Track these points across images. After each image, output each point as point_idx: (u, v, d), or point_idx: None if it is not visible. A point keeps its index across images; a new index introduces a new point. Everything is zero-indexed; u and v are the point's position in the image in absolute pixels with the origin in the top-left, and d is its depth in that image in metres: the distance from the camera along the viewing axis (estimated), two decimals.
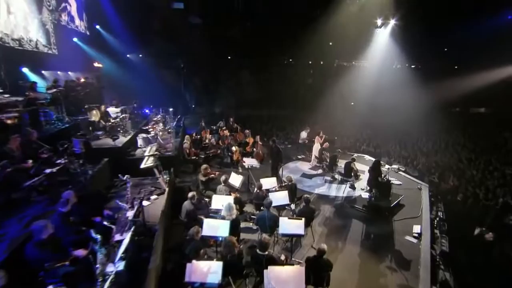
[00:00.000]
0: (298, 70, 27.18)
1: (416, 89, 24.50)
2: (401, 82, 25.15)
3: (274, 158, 10.29)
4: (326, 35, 23.12)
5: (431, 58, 25.12)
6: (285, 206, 7.98)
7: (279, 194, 7.86)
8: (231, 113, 22.49)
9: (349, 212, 9.09)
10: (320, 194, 10.18)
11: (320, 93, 24.43)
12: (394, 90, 24.73)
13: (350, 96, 25.73)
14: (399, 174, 11.75)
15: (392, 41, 23.17)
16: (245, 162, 10.14)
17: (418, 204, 9.58)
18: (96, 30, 18.17)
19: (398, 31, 22.18)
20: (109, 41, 18.98)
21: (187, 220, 7.03)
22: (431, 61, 25.38)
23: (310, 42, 23.43)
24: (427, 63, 25.90)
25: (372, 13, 21.42)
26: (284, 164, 12.62)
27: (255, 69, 25.68)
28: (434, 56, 24.92)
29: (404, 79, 25.33)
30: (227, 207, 6.63)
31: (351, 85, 25.16)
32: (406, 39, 22.55)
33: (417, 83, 24.80)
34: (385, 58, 24.97)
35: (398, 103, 24.01)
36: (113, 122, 11.49)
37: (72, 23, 15.65)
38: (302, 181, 11.16)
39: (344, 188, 10.34)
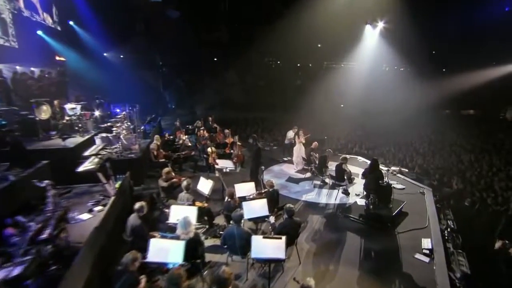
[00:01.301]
0: (286, 72, 25.80)
1: (406, 91, 23.65)
2: (391, 84, 24.26)
3: (253, 159, 8.47)
4: (314, 36, 21.96)
5: (419, 61, 24.03)
6: (264, 219, 6.18)
7: (256, 204, 6.07)
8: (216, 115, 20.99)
9: (342, 223, 7.30)
10: (308, 201, 8.38)
11: (309, 95, 23.31)
12: (383, 92, 23.79)
13: (339, 98, 24.47)
14: (398, 177, 10.02)
15: (381, 42, 22.00)
16: (217, 165, 8.31)
17: (423, 211, 7.85)
18: (69, 27, 16.47)
19: (386, 33, 21.14)
20: (84, 38, 17.27)
21: (133, 240, 5.16)
22: (419, 63, 24.30)
23: (298, 44, 22.33)
24: (416, 65, 24.81)
25: (360, 13, 20.21)
26: (267, 167, 10.87)
27: (241, 70, 24.26)
28: (423, 58, 23.87)
29: (393, 81, 24.52)
30: (182, 222, 4.81)
31: (340, 87, 23.99)
32: (394, 41, 21.49)
33: (406, 85, 24.07)
34: (374, 60, 23.79)
35: (388, 105, 23.10)
36: (68, 120, 9.60)
37: (36, 15, 13.82)
38: (288, 186, 9.36)
39: (336, 194, 8.57)
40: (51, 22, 15.24)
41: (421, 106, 23.43)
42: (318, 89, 23.59)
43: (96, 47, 17.63)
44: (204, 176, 7.36)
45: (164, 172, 7.04)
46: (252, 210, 6.02)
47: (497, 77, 21.84)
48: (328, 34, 21.17)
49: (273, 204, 6.46)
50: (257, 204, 6.09)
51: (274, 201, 6.56)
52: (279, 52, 24.50)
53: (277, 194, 6.72)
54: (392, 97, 23.49)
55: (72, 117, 9.72)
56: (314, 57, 25.81)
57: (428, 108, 23.80)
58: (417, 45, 21.14)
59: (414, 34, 19.72)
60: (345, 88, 23.96)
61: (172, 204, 6.06)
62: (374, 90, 23.95)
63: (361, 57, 23.84)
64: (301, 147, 10.59)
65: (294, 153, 10.73)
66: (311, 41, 23.42)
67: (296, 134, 10.83)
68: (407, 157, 13.41)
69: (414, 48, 21.43)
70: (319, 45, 24.93)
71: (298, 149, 10.59)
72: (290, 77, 26.08)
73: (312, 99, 22.68)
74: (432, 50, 24.67)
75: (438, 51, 24.38)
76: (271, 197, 6.51)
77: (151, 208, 6.77)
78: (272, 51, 24.27)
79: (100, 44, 17.68)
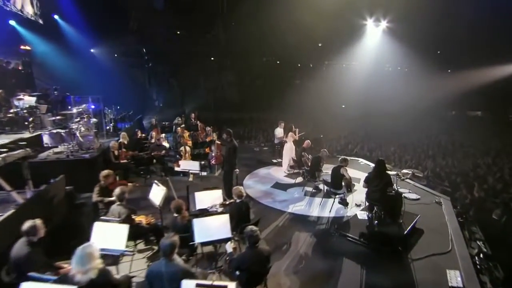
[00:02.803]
0: (285, 71, 24.00)
1: (409, 91, 21.84)
2: (394, 84, 22.45)
3: (226, 160, 6.55)
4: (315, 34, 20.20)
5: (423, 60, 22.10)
6: (223, 242, 4.27)
7: (213, 221, 4.17)
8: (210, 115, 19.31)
9: (338, 244, 5.33)
10: (295, 213, 6.42)
11: (308, 95, 21.61)
12: (386, 92, 21.97)
13: (341, 98, 22.66)
14: (407, 183, 7.99)
15: (384, 41, 20.15)
16: (179, 166, 6.44)
17: (442, 228, 5.84)
18: (53, 20, 14.87)
19: (389, 32, 19.30)
20: (68, 33, 15.65)
21: (16, 277, 3.28)
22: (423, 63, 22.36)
23: (298, 43, 20.61)
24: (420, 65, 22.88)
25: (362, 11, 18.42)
26: (252, 171, 8.97)
27: (238, 70, 22.51)
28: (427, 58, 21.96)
29: (397, 81, 22.73)
30: (79, 256, 2.90)
31: (342, 87, 22.19)
32: (398, 39, 19.63)
33: (410, 85, 22.28)
34: (377, 60, 21.97)
35: (391, 106, 21.26)
36: (13, 113, 7.84)
37: (11, 5, 12.19)
38: (273, 194, 7.42)
39: (331, 205, 6.60)
40: (31, 14, 13.68)
41: (426, 107, 21.66)
42: (318, 89, 21.94)
43: (82, 43, 16.01)
44: (157, 183, 5.45)
45: (102, 176, 5.18)
46: (206, 231, 4.11)
47: (505, 76, 19.80)
48: (329, 33, 19.50)
49: (240, 221, 4.54)
50: (214, 222, 4.19)
51: (242, 217, 4.64)
52: (278, 51, 22.75)
53: (247, 208, 4.79)
54: (395, 98, 21.75)
55: (21, 110, 7.94)
56: (315, 56, 24.03)
57: (433, 109, 22.03)
58: (421, 44, 19.35)
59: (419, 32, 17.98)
60: (347, 88, 22.15)
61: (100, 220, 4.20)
62: (377, 90, 22.21)
63: (363, 57, 22.01)
64: (293, 147, 8.70)
65: (284, 153, 8.83)
66: (312, 40, 21.68)
67: (287, 131, 8.88)
68: (415, 160, 11.44)
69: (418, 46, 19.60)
70: (320, 44, 23.15)
71: (290, 148, 8.69)
72: (289, 77, 24.28)
73: (311, 99, 21.05)
74: (437, 49, 22.70)
75: (444, 49, 22.40)
76: (238, 212, 4.60)
77: None
78: (271, 50, 22.53)
79: (86, 40, 16.07)
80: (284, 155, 8.81)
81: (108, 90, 14.57)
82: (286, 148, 8.75)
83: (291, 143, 8.67)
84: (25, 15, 13.35)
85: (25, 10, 13.53)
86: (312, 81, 22.91)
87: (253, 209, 6.40)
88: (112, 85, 14.99)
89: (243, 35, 19.86)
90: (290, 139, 8.69)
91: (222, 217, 4.29)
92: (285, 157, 8.81)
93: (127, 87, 15.63)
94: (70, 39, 15.58)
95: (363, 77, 22.21)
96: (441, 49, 22.16)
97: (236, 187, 4.88)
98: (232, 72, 22.33)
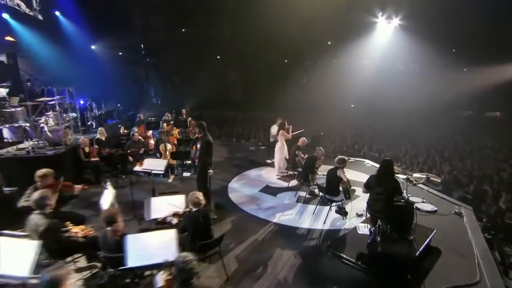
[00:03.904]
0: (291, 70, 22.76)
1: (422, 90, 20.28)
2: (405, 83, 20.94)
3: (199, 158, 5.39)
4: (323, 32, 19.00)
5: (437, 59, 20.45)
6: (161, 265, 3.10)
7: (154, 239, 3.01)
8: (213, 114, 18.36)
9: (330, 267, 4.06)
10: (281, 224, 5.19)
11: (315, 94, 20.39)
12: (397, 91, 20.47)
13: (349, 97, 21.30)
14: (419, 189, 6.61)
15: (396, 40, 18.65)
16: (141, 166, 5.32)
17: (465, 248, 4.48)
18: (53, 17, 14.21)
19: (402, 29, 17.80)
20: (68, 29, 14.95)
21: None
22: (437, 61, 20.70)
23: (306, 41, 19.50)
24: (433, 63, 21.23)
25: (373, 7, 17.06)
26: (242, 171, 7.81)
27: (243, 68, 21.43)
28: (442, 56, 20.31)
29: (408, 80, 21.24)
30: None
31: (350, 86, 20.80)
32: (410, 38, 18.12)
33: (423, 84, 20.73)
34: (388, 58, 20.50)
35: (402, 105, 19.72)
36: None
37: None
38: (260, 199, 6.20)
39: (326, 214, 5.34)
40: (29, 9, 13.05)
41: (440, 107, 20.03)
42: (326, 88, 20.68)
43: (80, 38, 15.27)
44: (111, 186, 4.35)
45: (37, 176, 4.11)
46: (143, 251, 2.98)
47: None
48: (339, 31, 18.31)
49: (196, 237, 3.37)
50: (155, 240, 3.05)
51: (199, 231, 3.46)
52: (285, 49, 21.58)
53: (206, 220, 3.60)
54: (407, 97, 20.23)
55: None
56: (323, 54, 22.72)
57: (447, 109, 20.38)
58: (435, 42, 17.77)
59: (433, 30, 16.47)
60: (356, 87, 20.76)
61: None
62: (387, 89, 20.75)
63: (373, 55, 20.56)
64: (285, 146, 7.49)
65: (275, 154, 7.62)
66: (321, 38, 20.47)
67: (279, 128, 7.66)
68: (429, 162, 10.00)
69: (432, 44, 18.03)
70: (329, 43, 21.86)
71: (280, 147, 7.48)
72: (296, 75, 23.02)
73: (318, 98, 19.81)
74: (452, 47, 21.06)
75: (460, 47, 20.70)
76: (194, 225, 3.43)
77: None
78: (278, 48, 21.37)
79: (87, 37, 15.33)
80: (275, 155, 7.60)
81: (103, 85, 13.82)
82: (277, 147, 7.54)
83: (282, 142, 7.45)
84: (22, 10, 12.71)
85: (23, 5, 12.89)
86: (320, 80, 21.64)
87: (230, 218, 5.23)
88: (107, 81, 14.20)
89: (249, 33, 18.81)
90: (282, 138, 7.47)
91: (166, 234, 3.15)
92: (276, 158, 7.60)
93: (123, 83, 14.79)
94: (69, 35, 14.90)
95: (373, 75, 20.79)
96: (457, 47, 20.50)
97: (193, 192, 3.70)
98: (237, 70, 21.29)
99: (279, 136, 7.48)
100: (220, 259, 3.77)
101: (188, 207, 3.73)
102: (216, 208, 5.58)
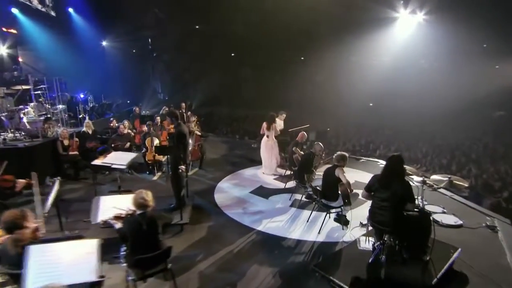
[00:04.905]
0: (308, 67, 21.71)
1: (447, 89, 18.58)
2: (429, 81, 19.35)
3: (171, 152, 4.57)
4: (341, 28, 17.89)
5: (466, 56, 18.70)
6: None
7: (66, 252, 2.19)
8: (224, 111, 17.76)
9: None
10: (266, 233, 4.25)
11: (331, 92, 19.26)
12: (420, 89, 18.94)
13: (368, 95, 19.96)
14: (437, 194, 5.43)
15: (419, 35, 17.18)
16: (103, 159, 4.57)
17: (502, 275, 3.35)
18: (65, 13, 14.05)
19: (426, 25, 16.32)
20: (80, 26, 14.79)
21: None
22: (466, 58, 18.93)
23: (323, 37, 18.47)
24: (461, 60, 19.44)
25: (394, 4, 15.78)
26: (236, 170, 6.95)
27: (256, 65, 20.60)
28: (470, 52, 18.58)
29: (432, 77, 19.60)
30: None
31: (369, 83, 19.45)
32: (435, 33, 16.60)
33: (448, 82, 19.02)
34: (410, 54, 18.98)
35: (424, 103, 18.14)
36: None
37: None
38: (248, 202, 5.28)
39: (322, 222, 4.34)
40: (41, 6, 12.99)
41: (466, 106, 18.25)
42: (343, 86, 19.52)
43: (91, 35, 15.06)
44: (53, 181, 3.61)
45: None
46: (50, 269, 2.18)
47: None
48: (358, 27, 17.13)
49: (139, 247, 2.53)
50: (67, 254, 2.24)
51: (139, 241, 2.61)
52: (301, 46, 20.58)
53: (152, 226, 2.72)
54: (430, 95, 18.66)
55: None
56: (341, 51, 21.49)
57: (475, 108, 18.56)
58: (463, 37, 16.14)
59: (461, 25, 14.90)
60: (375, 85, 19.41)
61: None
62: (409, 86, 19.26)
63: (394, 51, 19.13)
64: (274, 142, 6.58)
65: (262, 150, 6.74)
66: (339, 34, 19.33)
67: (269, 121, 6.72)
68: (454, 165, 8.69)
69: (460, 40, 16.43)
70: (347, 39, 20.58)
71: (266, 143, 6.59)
72: (311, 73, 21.93)
73: (334, 97, 18.66)
74: (483, 43, 19.25)
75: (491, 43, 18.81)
76: (135, 233, 2.60)
77: None
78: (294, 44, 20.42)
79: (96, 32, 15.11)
80: (262, 152, 6.72)
81: (108, 80, 13.46)
82: (263, 143, 6.65)
83: (272, 137, 6.54)
84: (34, 6, 12.59)
85: (35, 1, 12.77)
86: (336, 78, 20.46)
87: (207, 223, 4.38)
88: (113, 75, 13.86)
89: (264, 30, 17.99)
90: (272, 133, 6.54)
91: (83, 245, 2.33)
92: (263, 156, 6.71)
93: (130, 78, 14.42)
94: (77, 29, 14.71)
95: (393, 73, 19.36)
96: (489, 41, 18.61)
97: (140, 191, 2.86)
98: (250, 67, 20.50)
99: (269, 131, 6.57)
100: (172, 279, 2.91)
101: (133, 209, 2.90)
102: (194, 210, 4.74)
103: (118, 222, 2.98)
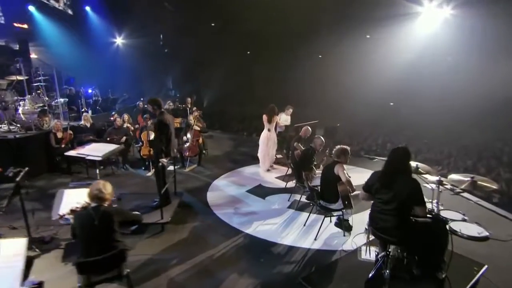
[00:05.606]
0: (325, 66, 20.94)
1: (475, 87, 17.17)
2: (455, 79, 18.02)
3: (153, 142, 4.17)
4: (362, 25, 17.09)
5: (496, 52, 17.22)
6: None
7: None
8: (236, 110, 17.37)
9: None
10: (255, 237, 3.74)
11: (350, 91, 18.40)
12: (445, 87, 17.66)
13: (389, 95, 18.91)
14: (459, 198, 4.68)
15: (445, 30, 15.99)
16: (76, 150, 4.23)
17: None
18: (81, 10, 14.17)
19: (454, 19, 15.14)
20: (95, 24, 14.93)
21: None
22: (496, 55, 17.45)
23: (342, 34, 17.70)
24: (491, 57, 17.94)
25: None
26: (236, 168, 6.49)
27: (270, 63, 20.11)
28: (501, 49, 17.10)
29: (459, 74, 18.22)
30: None
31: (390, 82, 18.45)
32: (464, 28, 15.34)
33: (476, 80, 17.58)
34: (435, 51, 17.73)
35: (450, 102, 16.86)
36: None
37: None
38: (242, 202, 4.78)
39: (320, 227, 3.77)
40: (57, 4, 13.24)
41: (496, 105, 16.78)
42: (362, 85, 18.61)
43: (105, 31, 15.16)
44: None
45: None
46: None
47: None
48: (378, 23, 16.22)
49: (87, 249, 2.13)
50: None
51: (89, 240, 2.20)
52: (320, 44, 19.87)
53: (107, 221, 2.30)
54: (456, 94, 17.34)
55: None
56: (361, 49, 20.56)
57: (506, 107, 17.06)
58: (496, 31, 14.85)
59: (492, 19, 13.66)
60: (397, 83, 18.34)
61: None
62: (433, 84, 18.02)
63: (418, 48, 17.97)
64: (273, 137, 6.05)
65: (260, 146, 6.23)
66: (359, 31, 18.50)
67: (268, 114, 6.18)
68: (481, 167, 7.77)
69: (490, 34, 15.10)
70: (368, 36, 19.65)
71: (268, 137, 6.06)
72: (329, 71, 21.13)
73: (352, 95, 17.79)
74: None
75: None
76: (86, 230, 2.21)
77: None
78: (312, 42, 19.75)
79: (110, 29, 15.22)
80: (260, 147, 6.21)
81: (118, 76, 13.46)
82: (262, 137, 6.14)
83: (273, 131, 6.01)
84: (51, 4, 12.80)
85: None
86: (355, 76, 19.52)
87: (192, 224, 3.95)
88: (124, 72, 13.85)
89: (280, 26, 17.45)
90: (273, 126, 6.01)
91: (11, 245, 1.93)
92: (260, 151, 6.19)
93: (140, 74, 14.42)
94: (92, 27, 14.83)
95: (417, 71, 18.23)
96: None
97: (98, 181, 2.45)
98: (264, 65, 20.02)
99: (270, 124, 6.05)
100: None
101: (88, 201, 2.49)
102: (181, 209, 4.31)
103: None
